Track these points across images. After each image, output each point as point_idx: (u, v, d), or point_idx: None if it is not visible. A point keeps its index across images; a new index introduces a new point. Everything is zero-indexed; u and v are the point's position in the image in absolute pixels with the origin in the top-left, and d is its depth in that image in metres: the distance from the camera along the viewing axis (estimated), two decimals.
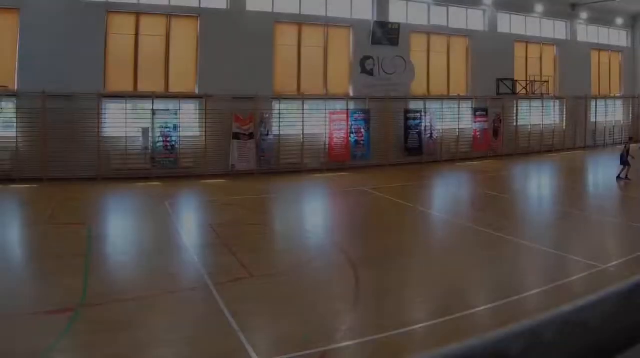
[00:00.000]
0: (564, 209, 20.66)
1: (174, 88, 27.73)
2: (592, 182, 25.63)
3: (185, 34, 28.15)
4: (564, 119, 39.94)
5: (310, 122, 30.51)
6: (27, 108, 24.65)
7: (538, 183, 26.26)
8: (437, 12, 34.59)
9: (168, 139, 26.95)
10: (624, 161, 25.84)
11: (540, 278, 12.42)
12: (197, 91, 28.07)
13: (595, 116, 41.83)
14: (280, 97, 29.53)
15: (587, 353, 1.14)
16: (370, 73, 32.06)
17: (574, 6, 39.26)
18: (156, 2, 27.24)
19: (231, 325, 9.38)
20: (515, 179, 28.08)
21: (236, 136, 28.09)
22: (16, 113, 24.80)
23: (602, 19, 41.39)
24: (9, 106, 25.05)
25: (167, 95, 27.50)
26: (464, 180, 29.31)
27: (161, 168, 26.79)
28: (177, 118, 27.14)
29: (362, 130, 31.31)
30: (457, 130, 34.72)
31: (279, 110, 29.55)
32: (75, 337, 9.01)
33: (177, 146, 27.07)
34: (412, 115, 32.96)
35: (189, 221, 19.55)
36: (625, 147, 26.54)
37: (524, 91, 37.03)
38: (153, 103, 26.72)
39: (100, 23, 25.98)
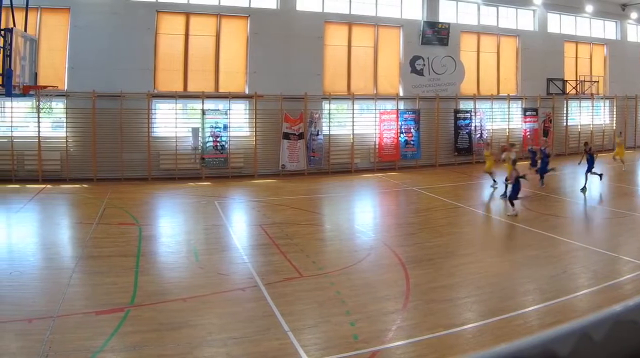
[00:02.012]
0: (614, 209, 18.42)
1: (223, 88, 25.06)
2: None
3: (235, 34, 25.48)
4: (614, 119, 35.94)
5: (360, 122, 27.62)
6: (77, 108, 22.41)
7: (589, 183, 23.55)
8: (487, 12, 31.14)
9: (218, 139, 24.45)
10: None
11: (590, 278, 11.33)
12: (247, 91, 25.39)
13: None
14: (330, 97, 26.61)
15: (637, 353, 1.05)
16: (420, 73, 28.98)
17: (624, 6, 35.35)
18: (206, 2, 24.66)
19: (281, 325, 8.76)
20: (566, 178, 25.41)
21: (286, 136, 25.44)
22: (66, 113, 22.53)
23: None
24: (59, 106, 22.77)
25: (217, 95, 24.92)
26: None
27: (211, 168, 24.36)
28: (227, 118, 24.54)
29: (412, 130, 28.31)
30: (507, 130, 31.27)
31: (329, 110, 26.67)
32: (125, 337, 8.33)
33: (227, 146, 24.53)
34: (461, 115, 29.77)
35: (239, 221, 17.66)
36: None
37: (573, 91, 33.33)
38: (203, 103, 24.19)
39: (150, 23, 23.53)
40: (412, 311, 9.51)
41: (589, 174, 21.84)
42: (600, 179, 22.37)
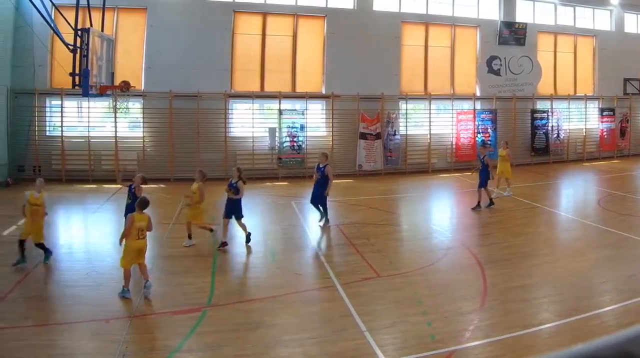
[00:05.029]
0: None
1: (300, 88, 20.87)
2: None
3: (312, 34, 21.23)
4: None
5: (437, 122, 22.89)
6: (154, 108, 18.76)
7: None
8: (563, 12, 25.77)
9: (295, 139, 20.41)
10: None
11: None
12: (323, 91, 21.10)
13: None
14: (407, 97, 22.08)
15: None
16: (497, 73, 24.04)
17: None
18: (283, 2, 20.58)
19: (358, 325, 7.40)
20: None
21: (363, 136, 21.05)
22: (143, 113, 18.92)
23: None
24: (136, 106, 19.17)
25: (293, 95, 20.77)
26: (590, 180, 21.72)
27: (288, 168, 20.41)
28: (303, 118, 20.42)
29: (489, 130, 23.46)
30: (584, 130, 25.97)
31: (406, 110, 22.12)
32: (202, 337, 7.09)
33: (303, 146, 20.48)
34: (538, 115, 24.55)
35: (316, 221, 14.34)
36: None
37: None
38: (280, 103, 20.15)
39: (227, 23, 19.66)
40: (489, 311, 8.16)
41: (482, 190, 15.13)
42: (474, 209, 15.15)
